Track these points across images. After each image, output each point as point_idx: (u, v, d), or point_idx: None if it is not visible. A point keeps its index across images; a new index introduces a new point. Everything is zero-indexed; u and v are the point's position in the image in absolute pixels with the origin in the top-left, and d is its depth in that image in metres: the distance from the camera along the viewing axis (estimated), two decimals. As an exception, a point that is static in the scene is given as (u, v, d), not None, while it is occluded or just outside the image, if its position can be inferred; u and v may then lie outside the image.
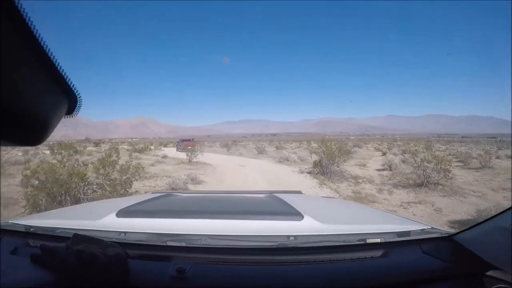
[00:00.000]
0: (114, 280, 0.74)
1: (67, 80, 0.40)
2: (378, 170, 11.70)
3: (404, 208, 5.85)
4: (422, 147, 26.38)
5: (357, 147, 25.22)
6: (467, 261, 0.86)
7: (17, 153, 17.65)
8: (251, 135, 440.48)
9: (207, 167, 12.91)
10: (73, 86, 0.41)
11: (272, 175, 10.11)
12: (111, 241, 0.82)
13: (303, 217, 1.07)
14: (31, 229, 1.08)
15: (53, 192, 4.96)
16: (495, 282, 0.80)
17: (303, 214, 1.10)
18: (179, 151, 22.20)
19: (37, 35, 0.33)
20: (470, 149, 23.87)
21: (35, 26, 0.32)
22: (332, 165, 9.56)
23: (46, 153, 17.21)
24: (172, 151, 23.25)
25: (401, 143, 34.68)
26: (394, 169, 11.17)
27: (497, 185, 7.97)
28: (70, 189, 5.12)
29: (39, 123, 0.37)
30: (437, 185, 7.45)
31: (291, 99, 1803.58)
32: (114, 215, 1.13)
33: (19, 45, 0.31)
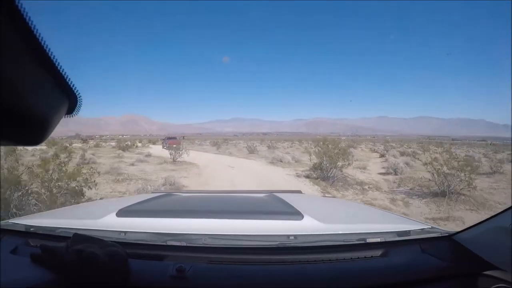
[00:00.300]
0: (114, 279, 0.73)
1: (67, 80, 0.39)
2: (381, 174, 10.64)
3: (430, 226, 4.68)
4: (416, 148, 25.94)
5: (352, 147, 24.07)
6: (467, 260, 0.86)
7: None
8: (242, 133, 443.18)
9: (192, 168, 11.57)
10: (73, 86, 0.40)
11: (265, 180, 8.81)
12: (111, 241, 0.81)
13: (303, 217, 1.07)
14: (31, 229, 1.06)
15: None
16: (495, 282, 0.79)
17: (303, 213, 1.09)
18: (165, 148, 21.52)
19: (37, 35, 0.32)
20: (467, 152, 23.61)
21: (35, 26, 0.31)
22: (333, 169, 8.30)
23: None
24: (158, 149, 22.28)
25: (394, 144, 34.20)
26: (400, 173, 10.13)
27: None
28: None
29: (39, 123, 0.36)
30: (459, 195, 6.35)
31: (282, 98, 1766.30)
32: (114, 214, 1.12)
33: (19, 45, 0.31)
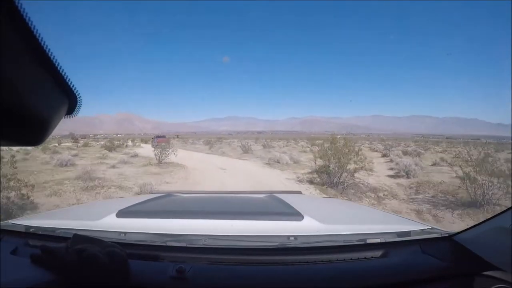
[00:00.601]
0: (114, 280, 0.73)
1: (67, 80, 0.39)
2: (390, 176, 9.53)
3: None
4: (415, 146, 25.02)
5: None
6: (467, 261, 0.86)
7: None
8: (237, 132, 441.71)
9: (178, 171, 10.28)
10: (73, 86, 0.40)
11: (261, 185, 7.60)
12: (111, 241, 0.81)
13: (303, 217, 1.07)
14: (31, 229, 1.07)
15: None
16: (495, 282, 0.79)
17: (303, 214, 1.09)
18: (154, 147, 20.03)
19: (37, 35, 0.32)
20: (469, 151, 22.62)
21: (35, 26, 0.32)
22: (343, 173, 7.09)
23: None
24: (149, 149, 20.81)
25: (391, 143, 33.15)
26: (412, 176, 9.05)
27: None
28: None
29: (39, 123, 0.36)
30: (494, 206, 5.27)
31: (277, 97, 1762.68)
32: (114, 215, 1.12)
33: (19, 45, 0.31)
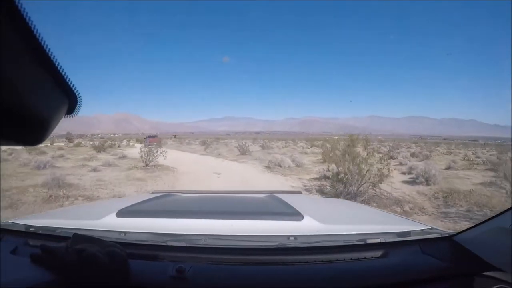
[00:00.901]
0: (114, 280, 0.72)
1: (67, 80, 0.39)
2: (406, 183, 8.44)
3: None
4: (417, 148, 24.08)
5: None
6: (467, 261, 0.86)
7: None
8: (235, 132, 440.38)
9: (166, 176, 9.09)
10: (73, 86, 0.40)
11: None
12: (111, 241, 0.81)
13: (303, 217, 1.06)
14: (31, 229, 1.06)
15: None
16: (495, 282, 0.79)
17: (303, 214, 1.09)
18: (145, 147, 19.15)
19: (37, 35, 0.32)
20: (474, 153, 21.93)
21: (35, 26, 0.31)
22: (363, 182, 5.91)
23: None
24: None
25: (391, 144, 32.14)
26: (432, 182, 7.95)
27: None
28: None
29: (39, 123, 0.36)
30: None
31: (275, 97, 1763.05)
32: (114, 215, 1.12)
33: (19, 45, 0.31)
